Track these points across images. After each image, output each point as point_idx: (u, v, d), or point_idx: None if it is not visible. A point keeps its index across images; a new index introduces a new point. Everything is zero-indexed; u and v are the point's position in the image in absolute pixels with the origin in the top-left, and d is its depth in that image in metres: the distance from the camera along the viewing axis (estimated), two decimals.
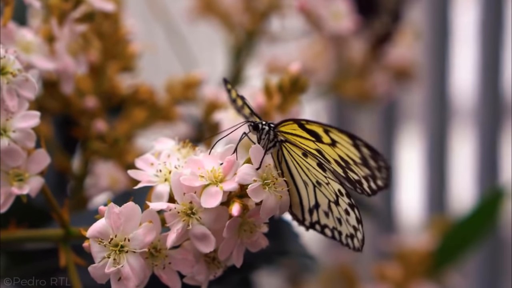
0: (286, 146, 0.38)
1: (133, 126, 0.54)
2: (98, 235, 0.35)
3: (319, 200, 0.38)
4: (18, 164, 0.37)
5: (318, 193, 0.38)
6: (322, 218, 0.38)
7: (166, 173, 0.37)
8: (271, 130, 0.37)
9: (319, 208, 0.38)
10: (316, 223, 0.39)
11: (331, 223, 0.38)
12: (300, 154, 0.38)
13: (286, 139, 0.38)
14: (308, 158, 0.38)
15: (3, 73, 0.37)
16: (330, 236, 0.39)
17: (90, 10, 0.44)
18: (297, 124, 0.37)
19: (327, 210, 0.38)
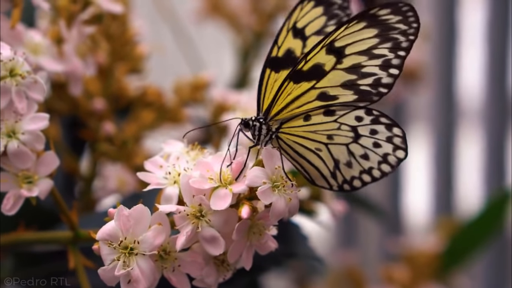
0: (282, 133, 0.37)
1: (141, 128, 0.54)
2: (107, 237, 0.35)
3: (336, 155, 0.37)
4: (27, 166, 0.37)
5: (333, 149, 0.37)
6: (346, 173, 0.37)
7: (175, 175, 0.37)
8: (262, 125, 0.37)
9: (340, 165, 0.37)
10: (343, 183, 0.37)
11: (357, 169, 0.37)
12: (302, 124, 0.37)
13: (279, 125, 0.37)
14: (312, 118, 0.37)
15: (12, 75, 0.37)
16: (360, 186, 0.37)
17: (98, 12, 0.44)
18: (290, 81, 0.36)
19: (347, 158, 0.37)
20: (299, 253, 0.45)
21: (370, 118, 0.36)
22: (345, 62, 0.36)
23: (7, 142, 0.37)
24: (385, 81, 0.36)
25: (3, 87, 0.37)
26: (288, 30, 0.39)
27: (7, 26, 0.40)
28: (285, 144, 0.37)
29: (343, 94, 0.36)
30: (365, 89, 0.36)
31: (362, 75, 0.36)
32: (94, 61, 0.47)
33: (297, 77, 0.37)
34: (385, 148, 0.37)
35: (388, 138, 0.36)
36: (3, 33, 0.41)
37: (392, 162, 0.37)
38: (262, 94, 0.38)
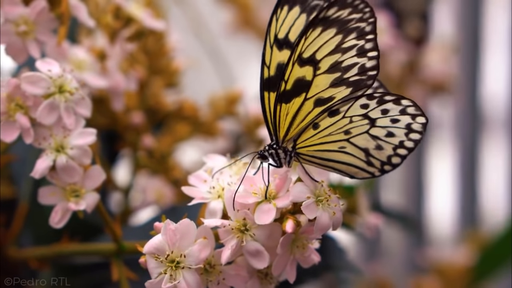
0: (300, 148, 0.37)
1: (176, 141, 0.54)
2: (154, 251, 0.36)
3: (362, 145, 0.37)
4: (75, 180, 0.38)
5: (356, 141, 0.37)
6: (381, 156, 0.37)
7: (219, 189, 0.38)
8: (278, 150, 0.37)
9: (370, 151, 0.37)
10: (383, 166, 0.37)
11: (389, 148, 0.37)
12: (314, 133, 0.37)
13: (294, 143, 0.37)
14: (320, 124, 0.37)
15: (61, 92, 0.38)
16: (400, 161, 0.37)
17: (140, 29, 0.45)
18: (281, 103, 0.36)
19: (374, 143, 0.37)
20: (337, 265, 0.45)
21: (375, 101, 0.36)
22: (322, 66, 0.36)
23: (56, 157, 0.38)
24: (369, 65, 0.36)
25: (52, 103, 0.38)
26: (271, 46, 0.38)
27: (53, 43, 0.41)
28: (307, 156, 0.37)
29: (337, 92, 0.36)
30: (355, 79, 0.36)
31: (345, 69, 0.36)
32: (135, 76, 0.48)
33: (286, 98, 0.37)
34: (404, 119, 0.37)
35: (401, 111, 0.36)
36: (50, 50, 0.41)
37: (417, 129, 0.37)
38: (268, 118, 0.38)
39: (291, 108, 0.37)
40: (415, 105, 0.37)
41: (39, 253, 0.44)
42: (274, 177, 0.37)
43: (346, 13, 0.36)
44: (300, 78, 0.36)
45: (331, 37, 0.36)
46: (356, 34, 0.36)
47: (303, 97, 0.37)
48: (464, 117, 1.05)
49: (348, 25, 0.36)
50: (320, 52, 0.36)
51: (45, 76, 0.38)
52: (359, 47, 0.36)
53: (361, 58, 0.36)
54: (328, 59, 0.36)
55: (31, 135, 0.38)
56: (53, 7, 0.41)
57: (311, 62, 0.36)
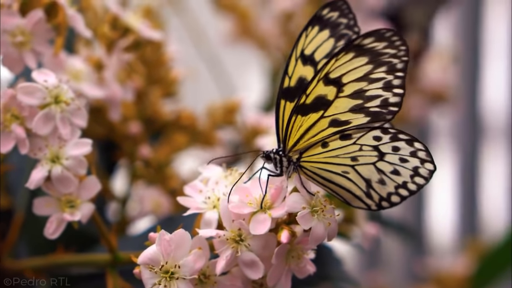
0: (304, 161, 0.37)
1: (173, 151, 0.54)
2: (149, 261, 0.36)
3: (366, 175, 0.37)
4: (70, 190, 0.38)
5: (361, 169, 0.37)
6: (381, 191, 0.37)
7: (214, 200, 0.38)
8: (282, 157, 0.37)
9: (372, 183, 0.37)
10: (381, 201, 0.37)
11: (391, 185, 0.37)
12: (321, 151, 0.37)
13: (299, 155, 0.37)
14: (330, 144, 0.37)
15: (57, 102, 0.38)
16: (399, 201, 0.37)
17: (137, 39, 0.45)
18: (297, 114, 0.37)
19: (378, 176, 0.37)
20: (333, 276, 0.45)
21: (389, 136, 0.36)
22: (346, 90, 0.36)
23: (51, 167, 0.38)
24: (392, 100, 0.36)
25: (48, 114, 0.38)
26: (296, 59, 0.39)
27: (50, 54, 0.41)
28: (309, 171, 0.37)
29: (355, 118, 0.37)
30: (375, 110, 0.36)
31: (368, 98, 0.36)
32: (132, 86, 0.48)
33: (303, 110, 0.37)
34: (413, 162, 0.37)
35: (412, 153, 0.37)
36: (46, 60, 0.42)
37: (424, 174, 0.37)
38: (280, 126, 0.38)
39: (306, 121, 0.37)
40: (427, 150, 0.37)
41: (34, 264, 0.44)
42: (270, 187, 0.37)
43: (381, 46, 0.36)
44: (322, 95, 0.37)
45: (361, 64, 0.36)
46: (387, 68, 0.36)
47: (320, 114, 0.37)
48: (464, 125, 1.05)
49: (381, 57, 0.36)
50: (347, 76, 0.36)
51: (41, 86, 0.38)
52: (387, 81, 0.36)
53: (386, 92, 0.36)
54: (354, 84, 0.36)
55: (26, 145, 0.38)
56: (50, 17, 0.41)
57: (336, 84, 0.36)
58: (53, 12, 0.41)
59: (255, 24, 0.69)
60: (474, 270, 0.69)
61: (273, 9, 0.67)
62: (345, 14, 0.38)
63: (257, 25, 0.68)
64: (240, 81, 0.83)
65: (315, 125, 0.37)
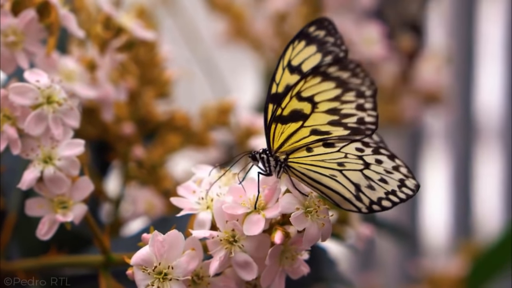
0: (292, 162, 0.37)
1: (167, 151, 0.54)
2: (142, 262, 0.35)
3: (355, 180, 0.37)
4: (63, 191, 0.38)
5: (349, 174, 0.37)
6: (371, 195, 0.37)
7: (208, 200, 0.38)
8: (270, 156, 0.37)
9: (362, 188, 0.37)
10: (371, 205, 0.37)
11: (381, 191, 0.37)
12: (306, 155, 0.37)
13: (286, 156, 0.37)
14: (314, 149, 0.37)
15: (49, 102, 0.38)
16: (390, 206, 0.37)
17: (130, 39, 0.45)
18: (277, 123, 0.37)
19: (367, 182, 0.37)
20: (328, 277, 0.45)
21: (370, 150, 0.37)
22: (321, 107, 0.36)
23: (44, 168, 0.38)
24: (368, 119, 0.37)
25: (40, 114, 0.38)
26: (283, 68, 0.39)
27: (42, 54, 0.41)
28: (298, 172, 0.37)
29: (335, 130, 0.37)
30: (354, 126, 0.37)
31: (344, 116, 0.36)
32: (125, 86, 0.48)
33: (282, 121, 0.37)
34: (397, 175, 0.37)
35: (394, 168, 0.37)
36: (39, 60, 0.41)
37: (411, 186, 0.37)
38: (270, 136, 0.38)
39: (287, 129, 0.37)
40: (407, 167, 0.37)
41: (27, 265, 0.44)
42: (263, 187, 0.37)
43: (346, 76, 0.36)
44: (298, 110, 0.37)
45: (330, 88, 0.36)
46: (356, 93, 0.36)
47: (300, 124, 0.37)
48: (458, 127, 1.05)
49: (348, 85, 0.36)
50: (319, 96, 0.36)
51: (33, 86, 0.38)
52: (359, 104, 0.36)
53: (360, 112, 0.36)
54: (327, 103, 0.36)
55: (18, 146, 0.38)
56: (42, 17, 0.41)
57: (310, 101, 0.37)
58: (45, 12, 0.41)
59: (249, 25, 0.69)
60: (468, 271, 0.69)
61: (267, 10, 0.67)
62: (332, 33, 0.38)
63: (251, 25, 0.68)
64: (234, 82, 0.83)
65: (296, 132, 0.37)
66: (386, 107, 0.72)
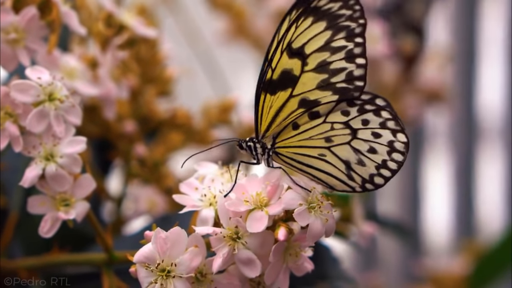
0: (279, 147, 0.37)
1: (169, 149, 0.54)
2: (145, 260, 0.35)
3: (344, 156, 0.36)
4: (65, 189, 0.38)
5: (337, 151, 0.36)
6: (362, 172, 0.36)
7: (210, 197, 0.38)
8: (256, 144, 0.37)
9: (352, 165, 0.36)
10: (364, 183, 0.36)
11: (371, 166, 0.36)
12: (294, 134, 0.36)
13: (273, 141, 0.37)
14: (301, 126, 0.36)
15: (51, 100, 0.38)
16: (383, 182, 0.36)
17: (131, 37, 0.45)
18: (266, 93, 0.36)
19: (356, 156, 0.36)
20: (331, 275, 0.45)
21: (356, 109, 0.36)
22: (310, 63, 0.36)
23: (46, 165, 0.37)
24: (356, 73, 0.36)
25: (42, 111, 0.37)
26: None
27: (44, 51, 0.41)
28: (287, 158, 0.37)
29: (323, 96, 0.36)
30: (342, 86, 0.36)
31: (333, 72, 0.36)
32: (127, 84, 0.48)
33: (272, 88, 0.36)
34: (386, 135, 0.36)
35: (382, 124, 0.36)
36: (40, 58, 0.41)
37: (400, 149, 0.36)
38: (258, 116, 0.37)
39: (275, 101, 0.36)
40: (394, 118, 0.36)
41: (29, 264, 0.44)
42: (266, 184, 0.37)
43: (337, 7, 0.35)
44: (288, 70, 0.36)
45: (321, 31, 0.35)
46: (346, 34, 0.35)
47: (289, 92, 0.36)
48: (459, 126, 1.05)
49: (338, 21, 0.35)
50: (309, 46, 0.36)
51: (35, 84, 0.38)
52: (348, 50, 0.36)
53: (349, 63, 0.36)
54: (317, 55, 0.36)
55: (20, 143, 0.37)
56: (43, 14, 0.41)
57: (300, 56, 0.36)
58: (46, 9, 0.41)
59: (250, 23, 0.68)
60: (471, 271, 0.69)
61: (268, 8, 0.67)
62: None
63: (252, 24, 0.68)
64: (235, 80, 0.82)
65: (285, 106, 0.36)
66: None
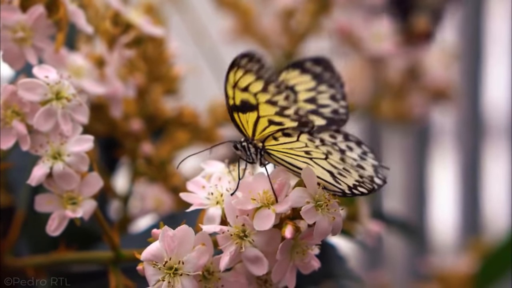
0: (270, 148, 0.37)
1: (175, 148, 0.54)
2: (152, 258, 0.35)
3: (326, 166, 0.37)
4: (72, 187, 0.38)
5: (319, 162, 0.37)
6: (347, 181, 0.37)
7: (217, 196, 0.38)
8: (249, 144, 0.37)
9: (335, 175, 0.37)
10: (351, 189, 0.37)
11: (355, 175, 0.36)
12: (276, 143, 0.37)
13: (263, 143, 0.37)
14: (279, 139, 0.37)
15: (58, 98, 0.38)
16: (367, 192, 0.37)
17: (138, 35, 0.45)
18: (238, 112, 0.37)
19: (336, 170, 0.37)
20: (338, 273, 0.45)
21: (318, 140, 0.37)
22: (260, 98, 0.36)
23: (53, 164, 0.37)
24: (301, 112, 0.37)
25: (49, 110, 0.37)
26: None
27: (51, 50, 0.41)
28: (277, 157, 0.37)
29: (284, 120, 0.37)
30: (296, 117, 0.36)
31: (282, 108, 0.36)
32: (133, 83, 0.48)
33: (240, 110, 0.37)
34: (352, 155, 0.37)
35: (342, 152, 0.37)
36: (47, 56, 0.41)
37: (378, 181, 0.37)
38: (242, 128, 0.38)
39: (249, 118, 0.37)
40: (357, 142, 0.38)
41: (36, 262, 0.44)
42: (273, 182, 0.37)
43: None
44: (245, 100, 0.37)
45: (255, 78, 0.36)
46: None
47: (256, 114, 0.37)
48: (465, 124, 1.05)
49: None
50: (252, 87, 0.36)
51: (42, 82, 0.38)
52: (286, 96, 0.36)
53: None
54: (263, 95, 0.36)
55: (27, 142, 0.37)
56: (51, 13, 0.41)
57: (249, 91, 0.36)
58: (54, 8, 0.41)
59: (257, 21, 0.68)
60: (477, 269, 0.69)
61: (275, 7, 0.67)
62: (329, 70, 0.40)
63: (259, 22, 0.68)
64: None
65: (258, 121, 0.37)
66: (394, 104, 0.71)
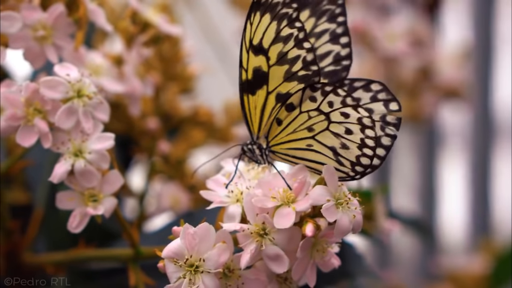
0: (273, 145, 0.37)
1: (191, 146, 0.54)
2: (173, 255, 0.35)
3: (329, 143, 0.36)
4: (93, 185, 0.38)
5: (321, 139, 0.36)
6: (349, 155, 0.36)
7: (237, 194, 0.38)
8: (253, 146, 0.37)
9: (337, 150, 0.36)
10: (354, 166, 0.36)
11: (353, 147, 0.36)
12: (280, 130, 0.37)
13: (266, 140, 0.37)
14: (283, 121, 0.37)
15: (79, 96, 0.38)
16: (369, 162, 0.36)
17: (156, 34, 0.45)
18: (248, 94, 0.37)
19: (338, 140, 0.36)
20: (355, 271, 0.45)
21: (319, 93, 0.36)
22: (272, 56, 0.36)
23: (74, 161, 0.38)
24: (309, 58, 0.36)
25: (70, 108, 0.38)
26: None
27: (70, 48, 0.41)
28: (282, 154, 0.38)
29: (292, 87, 0.37)
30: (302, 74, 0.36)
31: (291, 62, 0.36)
32: (151, 81, 0.48)
33: (251, 89, 0.37)
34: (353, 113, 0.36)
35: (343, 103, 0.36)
36: (67, 55, 0.42)
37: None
38: (248, 119, 0.38)
39: (258, 101, 0.37)
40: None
41: (55, 259, 0.44)
42: (293, 180, 0.37)
43: None
44: (257, 67, 0.37)
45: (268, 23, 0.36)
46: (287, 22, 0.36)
47: (265, 90, 0.37)
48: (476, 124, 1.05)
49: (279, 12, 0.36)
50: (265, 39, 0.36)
51: (64, 80, 0.38)
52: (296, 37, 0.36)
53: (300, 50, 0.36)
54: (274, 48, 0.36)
55: (49, 139, 0.38)
56: (71, 12, 0.41)
57: (262, 51, 0.36)
58: (74, 6, 0.41)
59: None
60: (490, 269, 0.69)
61: None
62: None
63: None
64: None
65: (266, 104, 0.37)
66: (406, 103, 0.71)
